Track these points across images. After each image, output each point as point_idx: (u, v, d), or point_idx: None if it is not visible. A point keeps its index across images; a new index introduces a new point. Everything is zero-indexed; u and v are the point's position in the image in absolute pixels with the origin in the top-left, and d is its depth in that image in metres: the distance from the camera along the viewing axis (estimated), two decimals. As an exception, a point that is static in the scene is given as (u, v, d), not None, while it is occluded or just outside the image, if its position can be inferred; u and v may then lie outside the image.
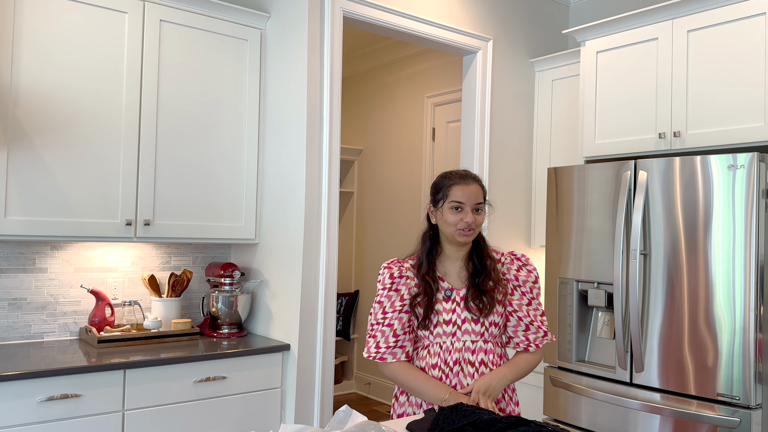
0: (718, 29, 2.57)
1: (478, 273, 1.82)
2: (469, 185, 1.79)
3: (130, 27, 2.64)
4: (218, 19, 2.88)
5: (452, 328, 1.80)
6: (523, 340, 1.85)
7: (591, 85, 3.02)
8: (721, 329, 2.29)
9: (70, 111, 2.50)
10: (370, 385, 5.13)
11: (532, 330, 1.84)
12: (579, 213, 2.75)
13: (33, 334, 2.68)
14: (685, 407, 2.36)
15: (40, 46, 2.44)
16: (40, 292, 2.70)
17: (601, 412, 2.60)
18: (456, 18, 3.29)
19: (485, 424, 1.49)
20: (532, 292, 1.86)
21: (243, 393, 2.64)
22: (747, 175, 2.25)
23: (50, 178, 2.46)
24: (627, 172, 2.56)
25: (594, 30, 3.00)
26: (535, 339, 1.85)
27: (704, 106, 2.60)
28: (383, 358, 1.80)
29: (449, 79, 4.52)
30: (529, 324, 1.84)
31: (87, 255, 2.82)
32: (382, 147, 5.13)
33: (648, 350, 2.47)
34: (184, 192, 2.79)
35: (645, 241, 2.50)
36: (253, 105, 2.99)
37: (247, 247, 3.12)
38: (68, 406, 2.23)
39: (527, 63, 3.60)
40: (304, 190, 2.76)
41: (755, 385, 2.23)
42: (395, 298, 1.81)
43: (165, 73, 2.74)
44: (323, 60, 2.82)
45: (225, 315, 2.90)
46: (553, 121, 3.52)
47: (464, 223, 1.76)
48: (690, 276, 2.37)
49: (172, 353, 2.50)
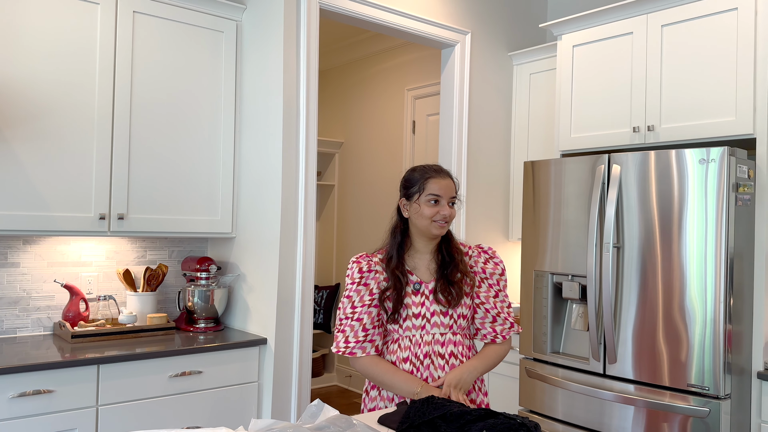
0: (691, 24, 2.59)
1: (446, 264, 1.84)
2: (445, 179, 1.82)
3: (103, 18, 2.61)
4: (193, 11, 2.84)
5: (421, 321, 1.81)
6: (491, 331, 1.88)
7: (567, 79, 3.03)
8: (692, 321, 2.32)
9: (42, 103, 2.47)
10: (351, 377, 5.14)
11: (499, 321, 1.88)
12: (555, 206, 2.77)
13: (5, 330, 2.64)
14: (658, 398, 2.39)
15: (11, 36, 2.40)
16: (13, 287, 2.67)
17: (575, 403, 2.63)
18: (434, 11, 3.28)
19: (455, 416, 1.50)
20: (499, 285, 1.89)
21: (219, 387, 2.64)
22: (718, 169, 2.28)
23: (21, 171, 2.42)
24: (601, 166, 2.58)
25: (570, 24, 3.01)
26: (502, 330, 1.88)
27: (677, 100, 2.63)
28: (353, 353, 1.80)
29: (429, 71, 4.51)
30: (496, 316, 1.87)
31: (60, 249, 2.79)
32: (362, 140, 5.12)
33: (621, 342, 2.50)
34: (159, 185, 2.76)
35: (618, 234, 2.53)
36: (229, 97, 2.97)
37: (224, 241, 3.11)
38: (41, 402, 2.21)
39: (505, 56, 3.61)
40: (280, 184, 2.75)
41: (725, 376, 2.27)
42: (364, 293, 1.82)
43: (139, 65, 2.71)
44: (299, 52, 2.80)
45: (201, 309, 2.89)
46: (530, 114, 3.53)
47: (441, 215, 1.79)
48: (663, 268, 2.40)
49: (148, 348, 2.48)
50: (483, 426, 1.46)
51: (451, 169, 3.38)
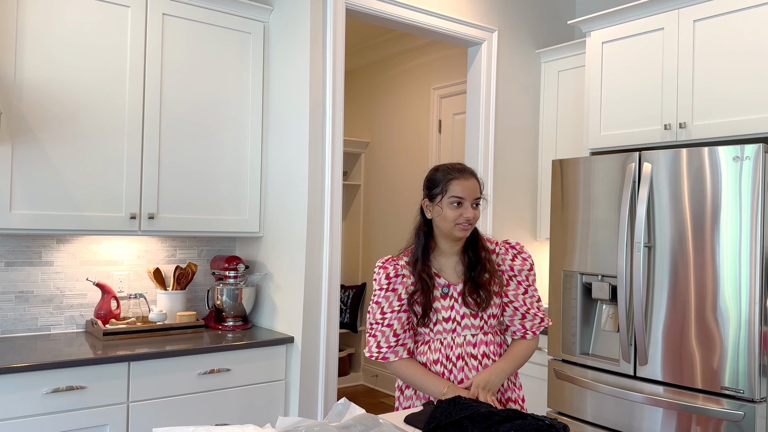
0: (724, 19, 2.53)
1: (473, 266, 1.81)
2: (468, 180, 1.77)
3: (133, 21, 2.65)
4: (221, 12, 2.87)
5: (452, 325, 1.79)
6: (520, 328, 1.86)
7: (596, 76, 2.99)
8: (726, 322, 2.27)
9: (74, 105, 2.52)
10: (377, 377, 5.14)
11: (529, 318, 1.85)
12: (584, 205, 2.73)
13: (40, 327, 2.70)
14: (689, 400, 2.34)
15: (44, 40, 2.45)
16: (47, 285, 2.73)
17: (605, 405, 2.59)
18: (461, 9, 3.27)
19: (482, 417, 1.49)
20: (528, 280, 1.87)
21: (247, 385, 2.66)
22: (753, 167, 2.22)
23: (54, 172, 2.47)
24: (632, 164, 2.54)
25: (599, 20, 2.96)
26: (531, 326, 1.86)
27: (710, 96, 2.57)
28: (386, 358, 1.80)
29: (455, 70, 4.49)
30: (525, 313, 1.85)
31: (92, 248, 2.84)
32: (388, 139, 5.12)
33: (652, 343, 2.46)
34: (187, 185, 2.80)
35: (649, 234, 2.48)
36: (257, 98, 2.99)
37: (252, 240, 3.13)
38: (73, 398, 2.25)
39: (533, 54, 3.57)
40: (307, 184, 2.76)
41: (760, 379, 2.21)
42: (393, 299, 1.80)
43: (168, 67, 2.74)
44: (326, 52, 2.81)
45: (230, 308, 2.92)
46: (558, 112, 3.49)
47: (464, 218, 1.74)
48: (696, 268, 2.35)
49: (177, 346, 2.52)
50: (510, 427, 1.44)
51: (478, 167, 3.36)
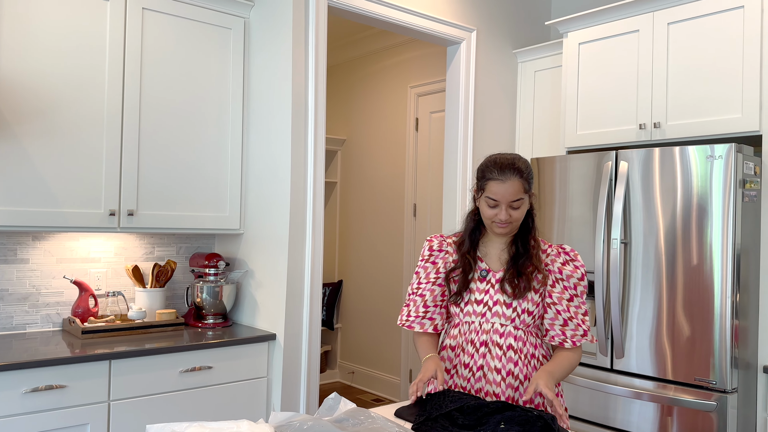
0: (698, 22, 2.62)
1: (519, 256, 1.79)
2: (506, 182, 1.70)
3: (112, 14, 2.61)
4: (201, 8, 2.85)
5: (483, 309, 1.79)
6: (560, 334, 1.77)
7: (573, 77, 3.05)
8: (699, 316, 2.35)
9: (52, 99, 2.47)
10: (353, 374, 5.16)
11: (571, 326, 1.77)
12: (561, 203, 2.79)
13: (15, 326, 2.65)
14: (665, 392, 2.42)
15: (21, 33, 2.40)
16: (22, 283, 2.67)
17: (582, 398, 2.65)
18: (440, 8, 3.30)
19: (472, 408, 1.52)
20: (576, 289, 1.79)
21: (229, 383, 2.65)
22: (725, 166, 2.30)
23: (31, 167, 2.43)
24: (608, 163, 2.60)
25: (576, 21, 3.03)
26: (572, 336, 1.76)
27: (683, 97, 2.65)
28: (411, 326, 1.85)
29: (433, 69, 4.53)
30: (568, 319, 1.77)
31: (69, 245, 2.80)
32: (365, 137, 5.13)
33: (628, 337, 2.53)
34: (168, 182, 2.77)
35: (625, 230, 2.55)
36: (237, 94, 2.98)
37: (232, 237, 3.12)
38: (53, 397, 2.22)
39: (510, 54, 3.63)
40: (289, 180, 2.76)
41: (731, 370, 2.29)
42: (431, 270, 1.86)
43: (148, 62, 2.71)
44: (308, 49, 2.81)
45: (210, 305, 2.90)
46: (535, 111, 3.55)
47: (499, 219, 1.73)
48: (669, 264, 2.42)
49: (157, 343, 2.50)
50: (500, 418, 1.48)
51: (457, 165, 3.40)
